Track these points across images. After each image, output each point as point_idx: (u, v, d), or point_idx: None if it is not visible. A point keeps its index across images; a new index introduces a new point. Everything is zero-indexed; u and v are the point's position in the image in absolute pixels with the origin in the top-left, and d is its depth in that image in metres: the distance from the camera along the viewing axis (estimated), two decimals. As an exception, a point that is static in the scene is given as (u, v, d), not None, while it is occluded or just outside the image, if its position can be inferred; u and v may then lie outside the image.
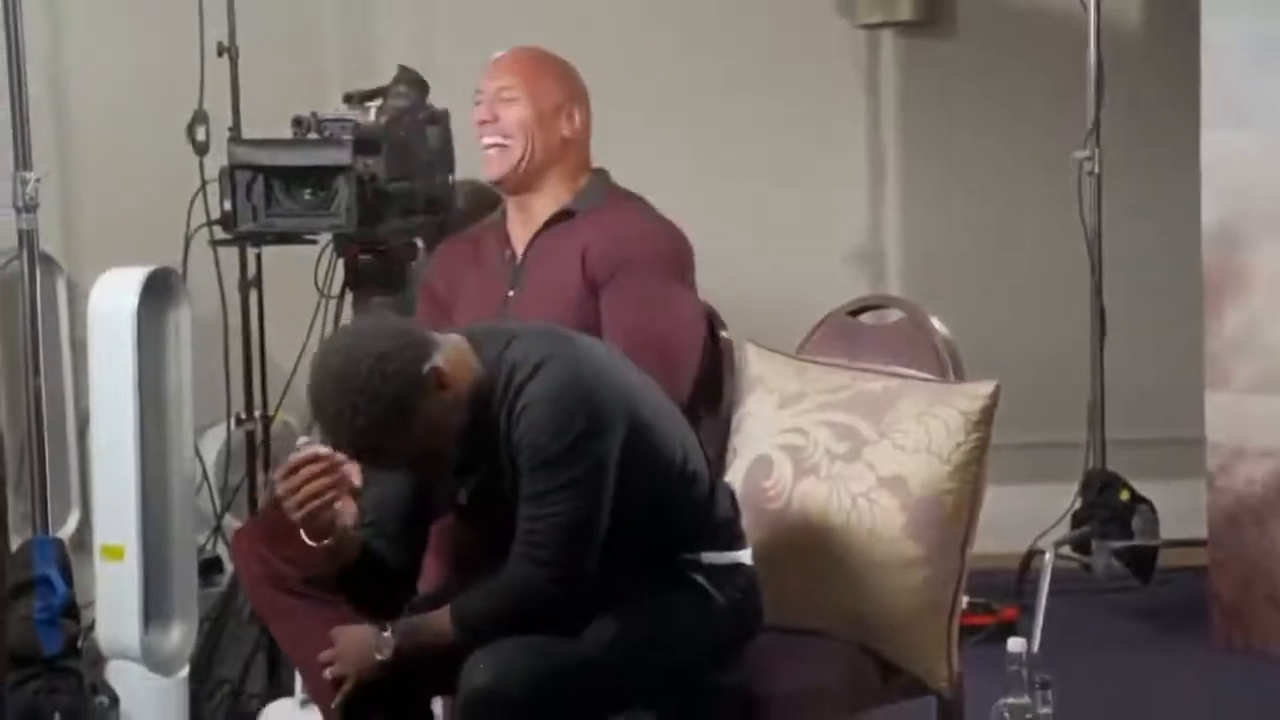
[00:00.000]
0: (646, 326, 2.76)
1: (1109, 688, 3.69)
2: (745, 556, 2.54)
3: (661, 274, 2.79)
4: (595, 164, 2.97)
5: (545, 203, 2.87)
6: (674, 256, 2.83)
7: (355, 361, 2.33)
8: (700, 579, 2.48)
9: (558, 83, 2.88)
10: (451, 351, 2.40)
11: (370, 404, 2.31)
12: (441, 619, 2.43)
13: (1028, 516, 4.16)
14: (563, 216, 2.86)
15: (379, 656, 2.43)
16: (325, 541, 2.46)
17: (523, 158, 2.85)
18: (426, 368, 2.36)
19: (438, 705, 2.69)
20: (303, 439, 2.52)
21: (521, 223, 2.90)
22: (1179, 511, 4.23)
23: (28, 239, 3.54)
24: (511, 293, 2.87)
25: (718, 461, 2.75)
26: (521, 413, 2.36)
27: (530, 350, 2.39)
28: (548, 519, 2.37)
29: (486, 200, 3.19)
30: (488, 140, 2.87)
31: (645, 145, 4.39)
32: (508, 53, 2.94)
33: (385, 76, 3.44)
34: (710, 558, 2.49)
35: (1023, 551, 4.22)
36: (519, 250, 2.89)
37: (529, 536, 2.38)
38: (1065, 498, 4.31)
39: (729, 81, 4.61)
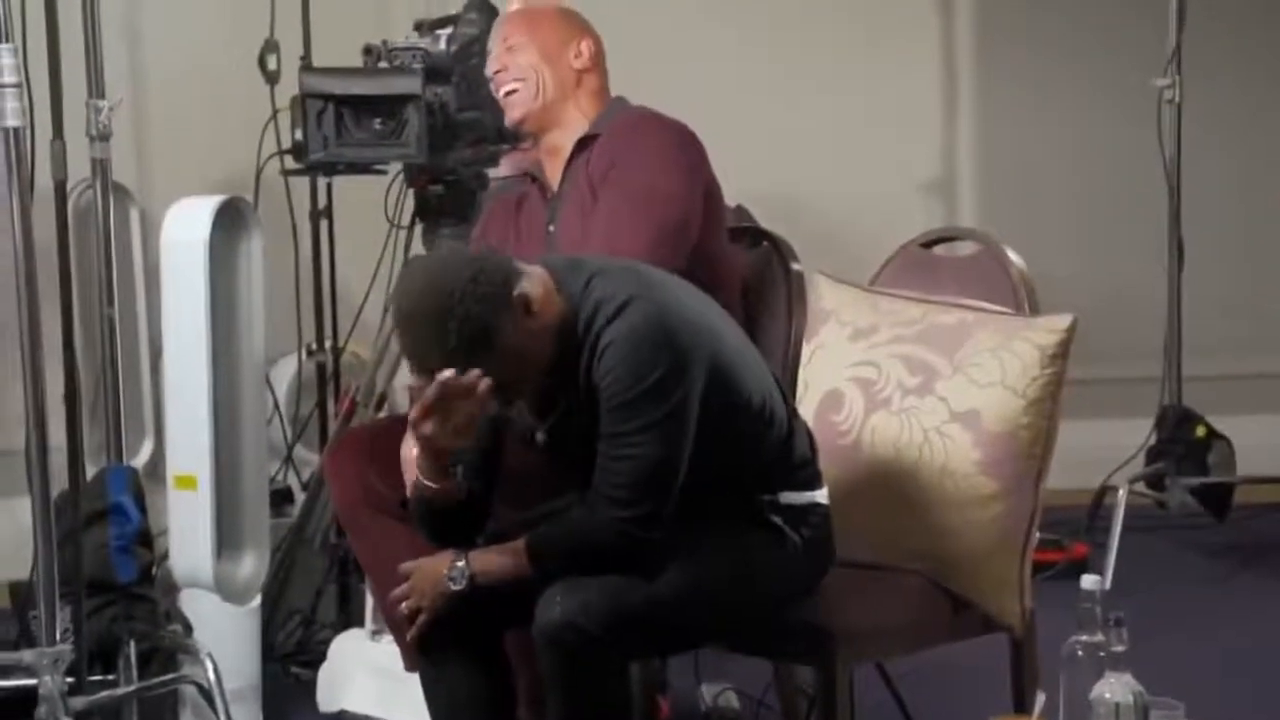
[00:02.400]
0: (624, 204, 2.75)
1: (1183, 625, 3.66)
2: (822, 496, 2.52)
3: (649, 160, 2.78)
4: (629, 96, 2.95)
5: (568, 135, 2.91)
6: (665, 149, 2.80)
7: (446, 283, 2.31)
8: (777, 519, 2.47)
9: (557, 23, 2.96)
10: (537, 280, 2.39)
11: (461, 325, 2.29)
12: (517, 552, 2.43)
13: (1101, 452, 4.12)
14: (586, 142, 2.88)
15: (454, 588, 2.44)
16: (444, 482, 2.47)
17: (537, 95, 2.91)
18: (516, 292, 2.34)
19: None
20: (409, 380, 2.50)
21: (551, 162, 2.95)
22: (1257, 447, 4.19)
23: (101, 168, 3.53)
24: (551, 227, 2.89)
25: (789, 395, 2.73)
26: (605, 351, 2.35)
27: (614, 289, 2.37)
28: (627, 459, 2.36)
29: None
30: (504, 88, 2.94)
31: (714, 74, 4.34)
32: (509, 13, 3.05)
33: (456, 4, 3.42)
34: (788, 498, 2.48)
35: (1095, 488, 4.18)
36: (554, 185, 2.92)
37: (608, 476, 2.38)
38: (1140, 433, 4.26)
39: (798, 14, 4.55)
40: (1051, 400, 2.57)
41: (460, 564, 2.44)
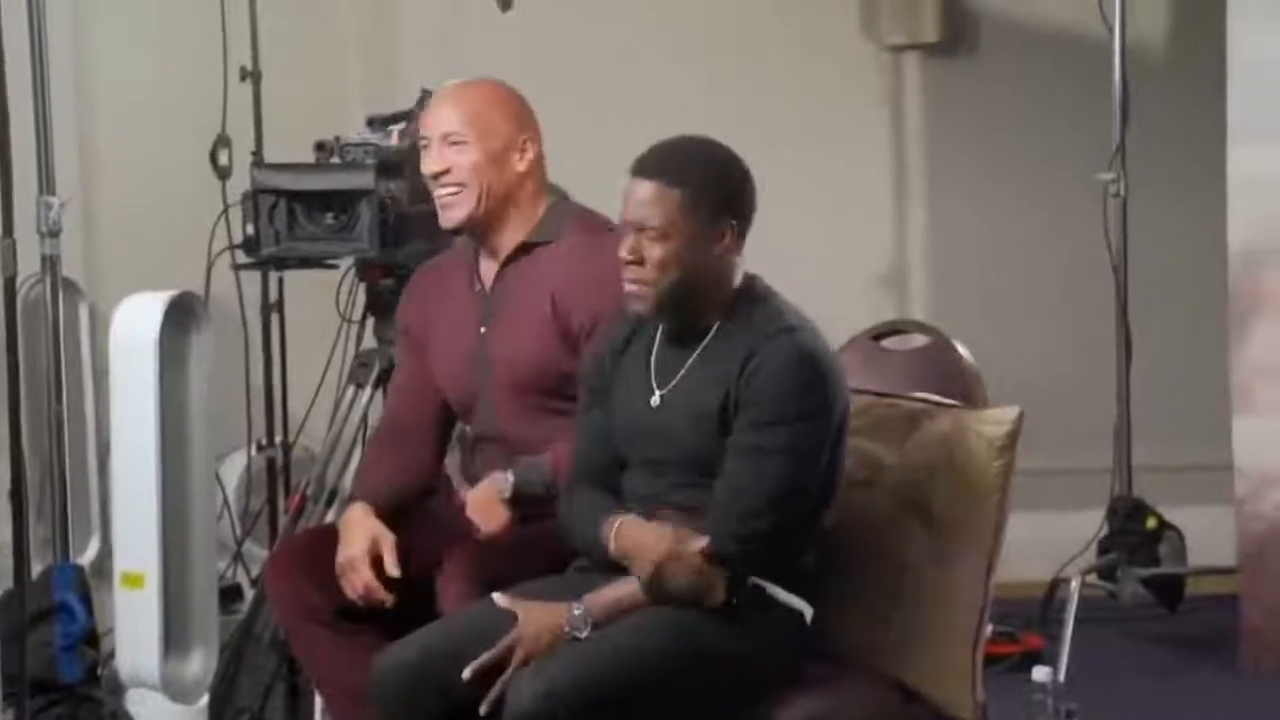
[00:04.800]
0: None
1: (1136, 718, 3.66)
2: (808, 611, 2.52)
3: None
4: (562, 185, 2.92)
5: (507, 237, 2.84)
6: None
7: (715, 144, 2.55)
8: (754, 610, 2.47)
9: (505, 119, 2.81)
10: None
11: (725, 177, 2.51)
12: (629, 586, 2.43)
13: (1053, 544, 4.14)
14: (524, 250, 2.83)
15: (579, 635, 2.41)
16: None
17: (480, 201, 2.80)
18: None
19: None
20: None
21: (487, 257, 2.88)
22: (1207, 538, 4.21)
23: (50, 264, 3.55)
24: (484, 328, 2.85)
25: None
26: (767, 359, 2.44)
27: (787, 310, 2.53)
28: (767, 475, 2.41)
29: None
30: (442, 192, 2.82)
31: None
32: (448, 91, 2.85)
33: (408, 99, 3.45)
34: (775, 591, 2.49)
35: (1048, 579, 4.20)
36: (488, 283, 2.87)
37: (743, 488, 2.42)
38: (1091, 524, 4.29)
39: (751, 104, 4.62)
40: (1000, 492, 2.59)
41: (579, 611, 2.42)
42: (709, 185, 2.50)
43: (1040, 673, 2.40)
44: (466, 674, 2.39)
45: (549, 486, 2.70)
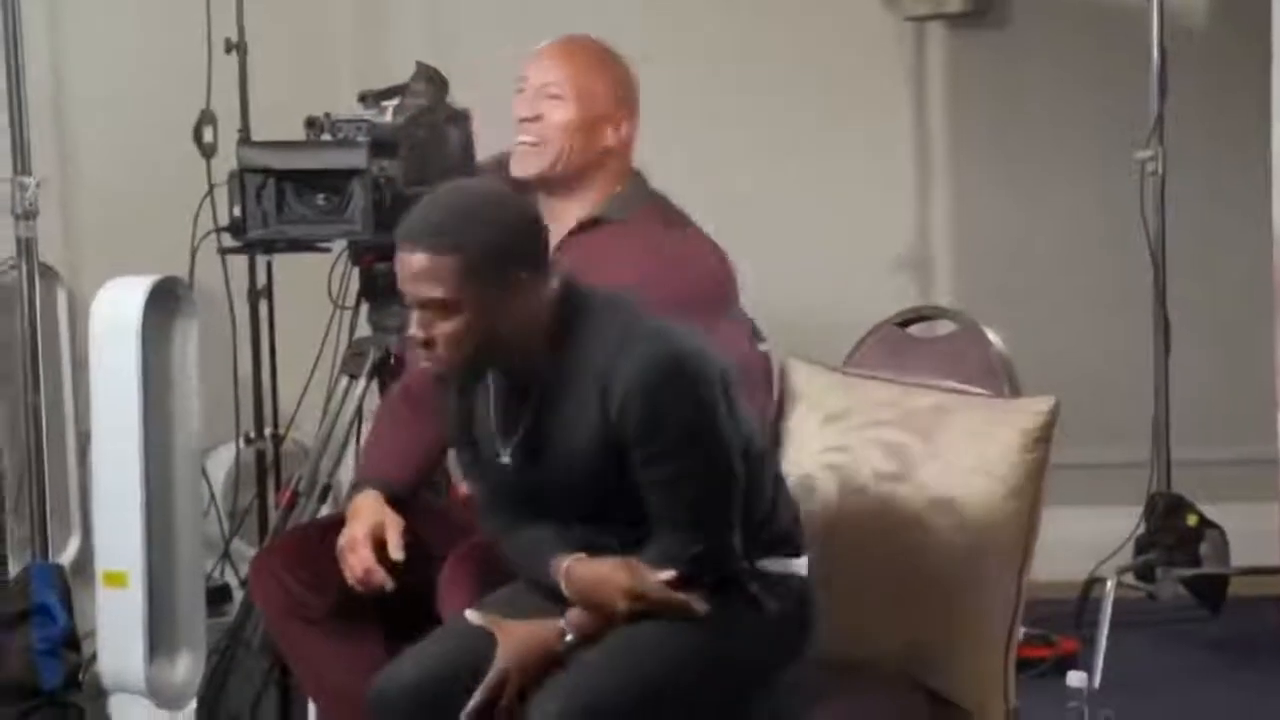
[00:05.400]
0: None
1: (1176, 725, 3.67)
2: (801, 567, 2.53)
3: (704, 314, 2.73)
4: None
5: (575, 208, 2.86)
6: (716, 289, 2.79)
7: (496, 197, 2.46)
8: (754, 587, 2.47)
9: (609, 88, 2.84)
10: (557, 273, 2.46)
11: (493, 227, 2.36)
12: (606, 608, 2.44)
13: (1088, 542, 4.14)
14: (590, 224, 2.85)
15: (563, 644, 2.42)
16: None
17: (556, 161, 2.82)
18: (550, 261, 2.42)
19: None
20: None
21: (550, 226, 2.89)
22: (1251, 537, 4.20)
23: (26, 247, 3.56)
24: None
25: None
26: (628, 391, 2.36)
27: (605, 312, 2.43)
28: (683, 501, 2.40)
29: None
30: (524, 138, 2.84)
31: (681, 147, 4.39)
32: (559, 43, 2.88)
33: (403, 74, 3.45)
34: (765, 565, 2.49)
35: (1082, 579, 4.20)
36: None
37: (671, 519, 2.41)
38: (1128, 521, 4.28)
39: (768, 79, 4.61)
40: (1034, 486, 2.59)
41: (570, 637, 2.43)
42: (488, 243, 2.38)
43: (1075, 678, 2.41)
44: (463, 718, 2.41)
45: None
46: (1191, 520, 4.22)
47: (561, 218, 2.86)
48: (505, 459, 2.48)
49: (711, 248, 2.82)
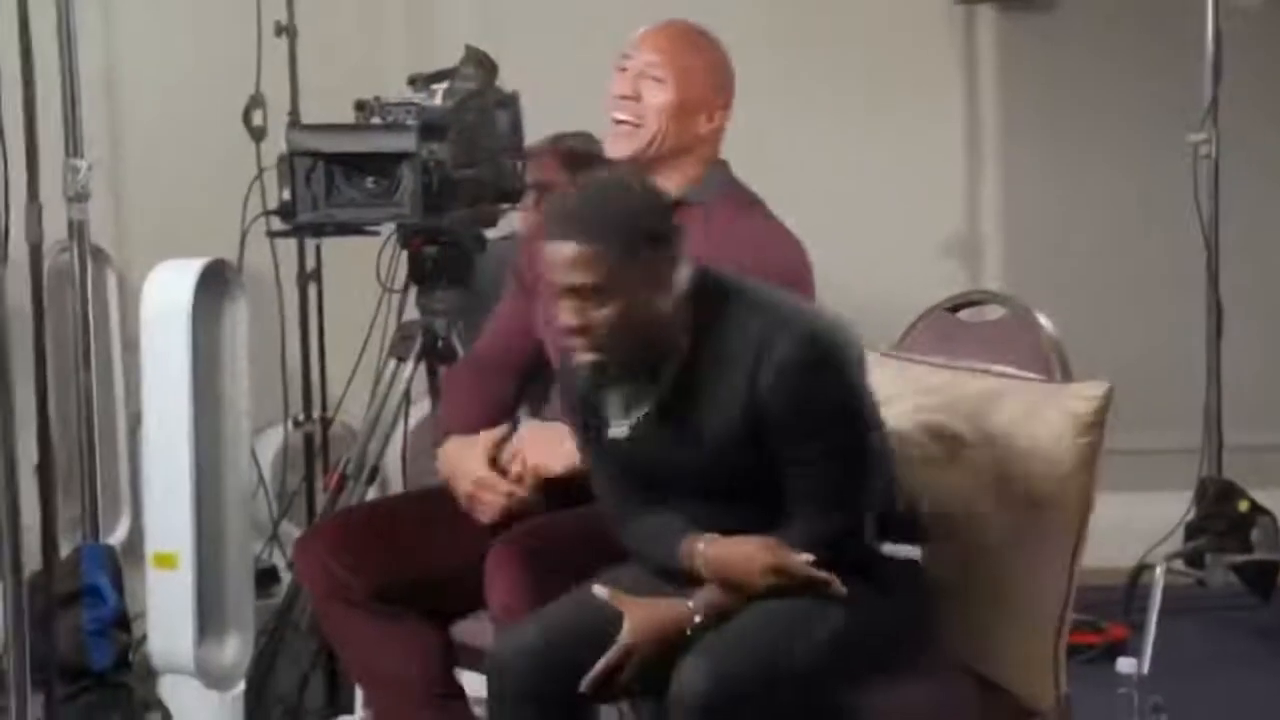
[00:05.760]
0: None
1: (1225, 713, 3.64)
2: (917, 554, 2.53)
3: None
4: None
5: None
6: (794, 276, 2.78)
7: (631, 184, 2.49)
8: (882, 571, 2.49)
9: (710, 76, 2.85)
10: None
11: (636, 212, 2.42)
12: (737, 586, 2.44)
13: (1137, 528, 4.10)
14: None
15: (691, 624, 2.42)
16: None
17: (651, 143, 2.82)
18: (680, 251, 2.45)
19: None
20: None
21: None
22: (1303, 523, 4.17)
23: (78, 230, 3.57)
24: None
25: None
26: (779, 367, 2.39)
27: (750, 294, 2.48)
28: (830, 481, 2.42)
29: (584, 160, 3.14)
30: (620, 116, 2.83)
31: (731, 134, 4.38)
32: (667, 25, 2.89)
33: (452, 58, 3.44)
34: (890, 548, 2.50)
35: (1132, 565, 4.17)
36: None
37: (813, 494, 2.42)
38: (1178, 507, 4.25)
39: (818, 63, 4.59)
40: (1087, 472, 2.57)
41: (699, 618, 2.43)
42: (634, 229, 2.43)
43: (1125, 664, 2.38)
44: (584, 686, 2.42)
45: None
46: (1243, 506, 4.18)
47: None
48: (633, 437, 2.51)
49: (789, 236, 2.83)
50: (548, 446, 2.73)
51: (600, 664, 2.42)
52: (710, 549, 2.47)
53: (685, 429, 2.47)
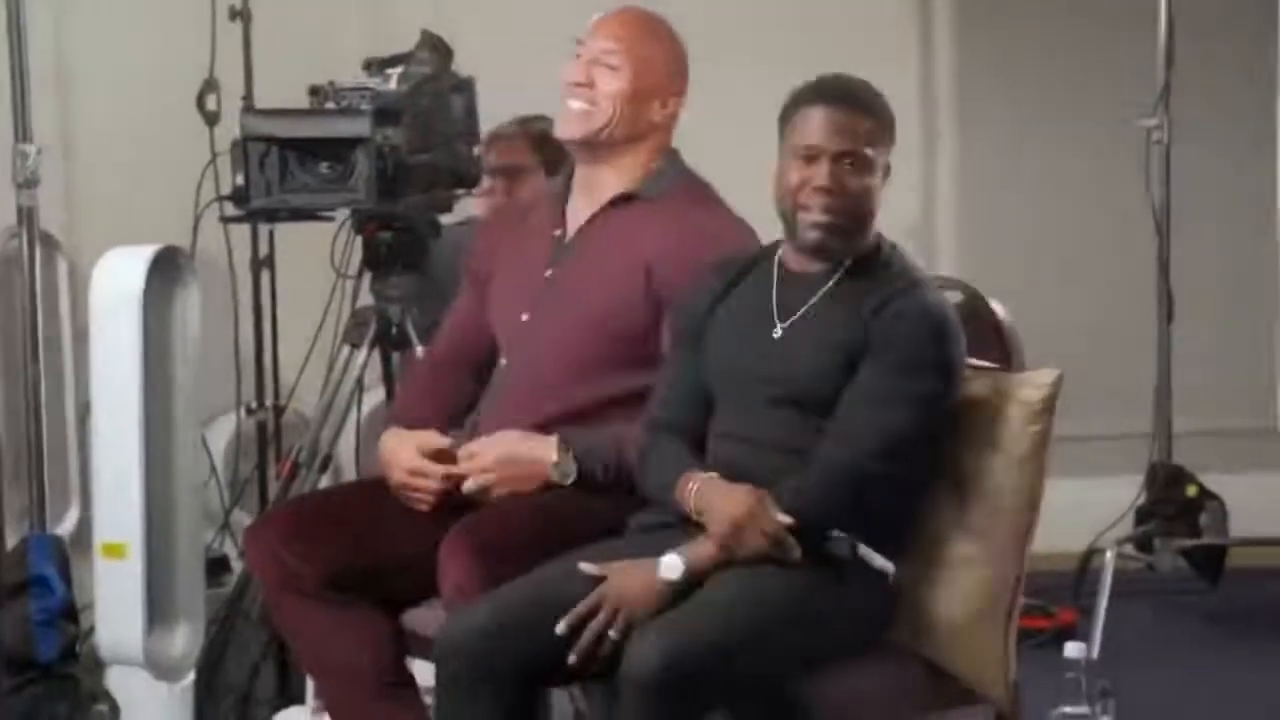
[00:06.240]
0: None
1: (1174, 696, 3.66)
2: (891, 568, 2.53)
3: None
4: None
5: (612, 180, 2.84)
6: None
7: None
8: (850, 568, 2.49)
9: (664, 63, 2.85)
10: None
11: (885, 101, 2.61)
12: (708, 547, 2.46)
13: (1087, 512, 4.12)
14: (625, 199, 2.84)
15: (671, 578, 2.43)
16: None
17: (603, 129, 2.81)
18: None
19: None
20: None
21: (583, 196, 2.87)
22: (1251, 507, 4.20)
23: (27, 216, 3.54)
24: (550, 271, 2.84)
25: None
26: (905, 306, 2.50)
27: (912, 264, 2.60)
28: (887, 419, 2.46)
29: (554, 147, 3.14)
30: (574, 103, 2.82)
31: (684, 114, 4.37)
32: (620, 12, 2.89)
33: (407, 42, 3.43)
34: (865, 552, 2.50)
35: (1081, 550, 4.19)
36: (572, 228, 2.87)
37: (856, 429, 2.47)
38: (1128, 492, 4.27)
39: (766, 43, 4.58)
40: (1037, 459, 2.57)
41: (672, 557, 2.43)
42: (888, 118, 2.60)
43: (1073, 649, 2.39)
44: (561, 628, 2.41)
45: (608, 470, 2.70)
46: (1191, 491, 4.21)
47: (597, 188, 2.85)
48: (777, 334, 2.56)
49: (745, 228, 2.81)
50: (524, 480, 2.73)
51: (579, 606, 2.42)
52: (702, 486, 2.49)
53: (814, 337, 2.53)
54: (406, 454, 2.79)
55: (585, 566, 2.48)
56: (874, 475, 2.47)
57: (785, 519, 2.44)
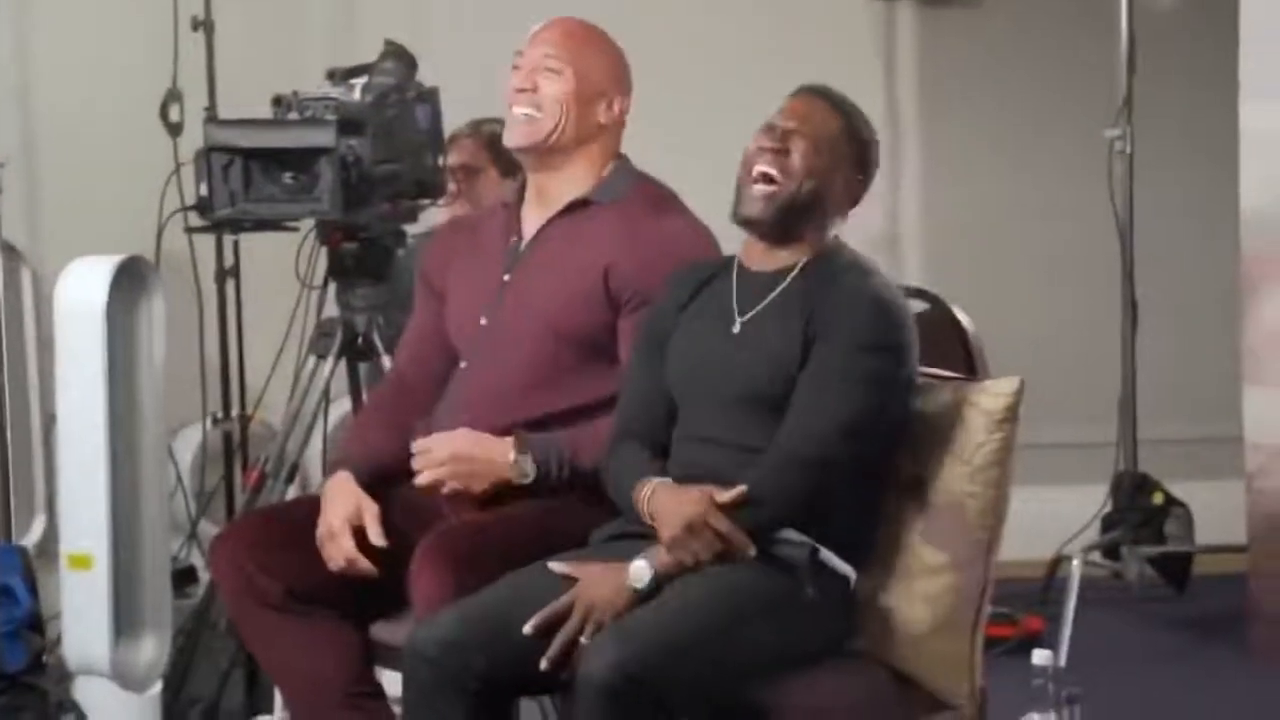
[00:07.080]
0: None
1: (1140, 704, 3.68)
2: (851, 573, 2.54)
3: None
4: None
5: (565, 187, 2.84)
6: None
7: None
8: (804, 567, 2.49)
9: (605, 66, 2.85)
10: None
11: (868, 128, 2.67)
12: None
13: (1054, 521, 4.15)
14: (581, 205, 2.85)
15: (639, 587, 2.44)
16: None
17: (551, 133, 2.81)
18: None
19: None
20: None
21: (537, 204, 2.87)
22: (1216, 515, 4.22)
23: (-10, 227, 3.53)
24: (508, 276, 2.85)
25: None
26: (850, 292, 2.54)
27: (869, 265, 2.63)
28: (839, 401, 2.48)
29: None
30: (519, 110, 2.83)
31: (648, 121, 4.38)
32: (557, 20, 2.90)
33: (372, 52, 3.43)
34: (827, 556, 2.51)
35: (1048, 558, 4.21)
36: (527, 235, 2.87)
37: (809, 416, 2.49)
38: (1094, 500, 4.30)
39: (736, 55, 4.60)
40: (1000, 467, 2.59)
41: (643, 584, 2.45)
42: (862, 133, 2.66)
43: (1040, 656, 2.40)
44: (528, 629, 2.43)
45: (562, 468, 2.71)
46: (1157, 498, 4.24)
47: (551, 195, 2.85)
48: (736, 329, 2.59)
49: (703, 233, 2.82)
50: (480, 476, 2.73)
51: (547, 609, 2.43)
52: (654, 491, 2.51)
53: (767, 337, 2.56)
54: (334, 515, 2.75)
55: (556, 565, 2.49)
56: (833, 459, 2.48)
57: (735, 492, 2.45)
